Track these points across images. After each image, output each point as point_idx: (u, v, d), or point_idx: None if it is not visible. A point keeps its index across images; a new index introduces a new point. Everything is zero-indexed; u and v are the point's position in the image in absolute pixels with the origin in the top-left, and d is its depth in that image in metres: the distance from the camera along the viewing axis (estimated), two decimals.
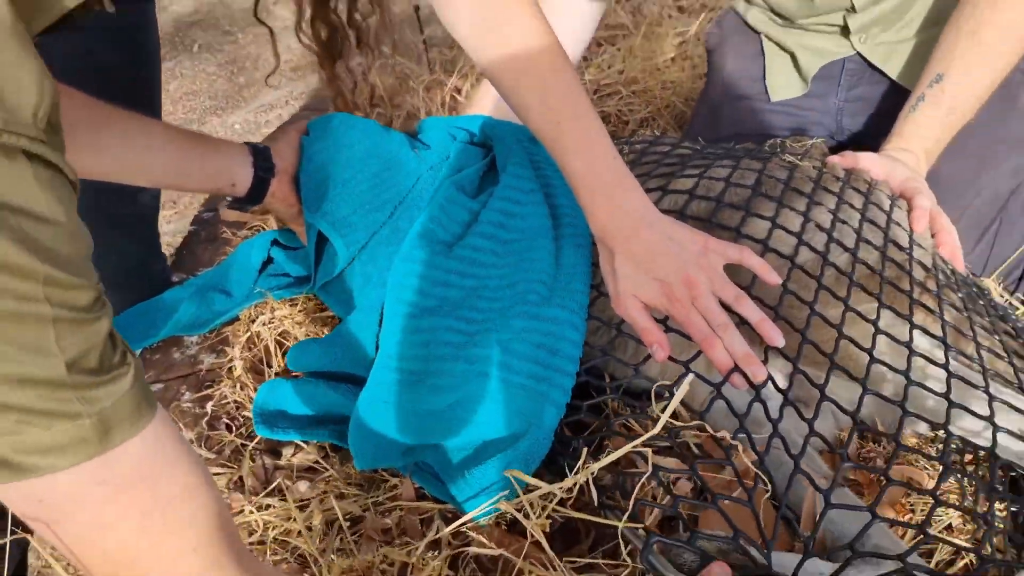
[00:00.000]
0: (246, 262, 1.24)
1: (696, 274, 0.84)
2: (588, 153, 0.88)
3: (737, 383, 0.82)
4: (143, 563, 0.57)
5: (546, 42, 0.92)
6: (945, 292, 0.96)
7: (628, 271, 0.86)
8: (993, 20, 1.10)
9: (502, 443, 0.86)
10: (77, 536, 0.56)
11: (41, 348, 0.50)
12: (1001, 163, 1.22)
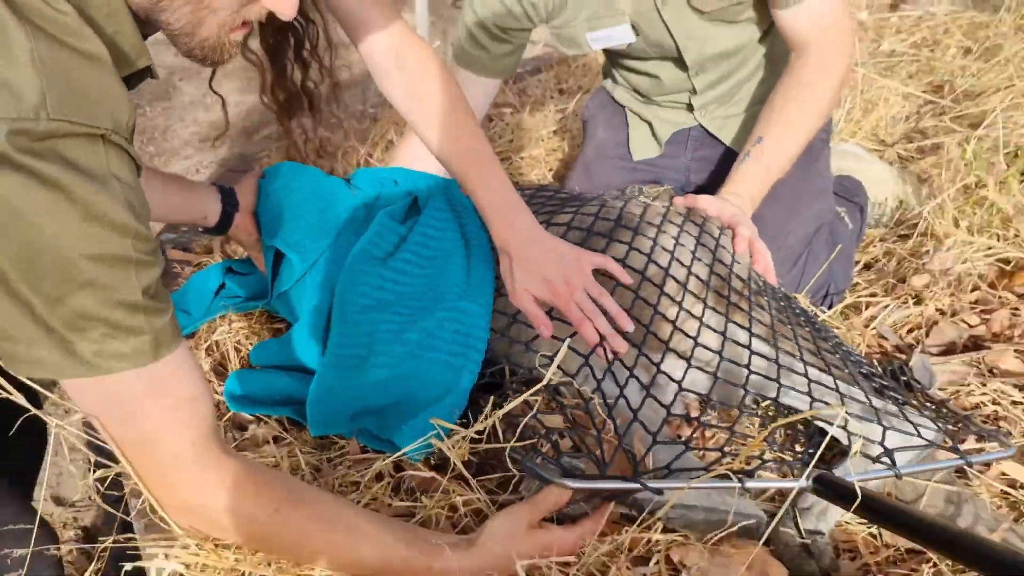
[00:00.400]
0: (203, 286, 1.48)
1: (572, 276, 1.14)
2: (492, 187, 1.19)
3: (600, 353, 1.11)
4: (165, 444, 0.83)
5: (460, 107, 1.23)
6: (756, 297, 1.28)
7: (522, 274, 1.16)
8: (797, 99, 1.46)
9: (430, 403, 1.13)
10: (121, 419, 0.81)
11: (128, 282, 0.76)
12: (807, 210, 1.58)
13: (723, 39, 1.53)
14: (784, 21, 1.45)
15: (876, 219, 1.84)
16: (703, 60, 1.56)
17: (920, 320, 1.49)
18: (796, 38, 1.45)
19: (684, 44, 1.53)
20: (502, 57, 1.55)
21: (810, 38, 1.43)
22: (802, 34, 1.44)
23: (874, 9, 3.97)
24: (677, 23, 1.50)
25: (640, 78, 1.67)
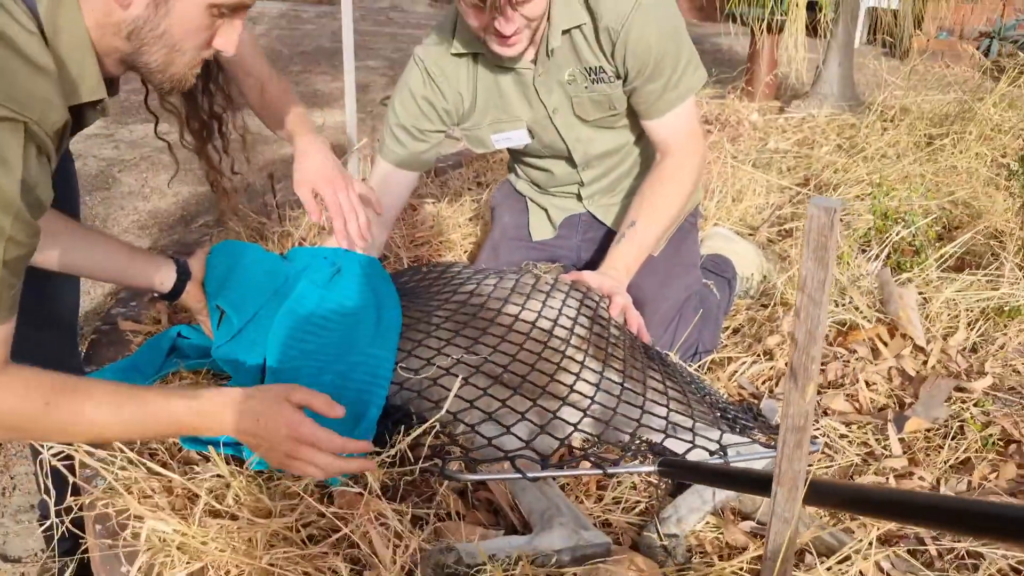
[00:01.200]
0: (156, 348, 1.69)
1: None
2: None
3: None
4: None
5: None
6: (627, 351, 1.55)
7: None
8: (661, 191, 1.76)
9: (344, 434, 1.35)
10: None
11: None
12: (677, 280, 1.86)
13: (605, 141, 1.84)
14: (650, 128, 1.77)
15: (744, 291, 2.14)
16: (589, 158, 1.86)
17: (772, 373, 1.77)
18: (659, 142, 1.78)
19: (573, 145, 1.83)
20: (420, 154, 1.82)
21: (670, 142, 1.75)
22: (664, 139, 1.76)
23: (765, 111, 4.41)
24: (566, 128, 1.80)
25: (537, 172, 1.96)
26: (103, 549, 1.26)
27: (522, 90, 1.76)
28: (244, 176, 1.80)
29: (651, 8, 1.62)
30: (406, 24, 11.01)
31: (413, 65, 1.79)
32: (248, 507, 1.24)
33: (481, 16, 1.53)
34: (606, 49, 1.67)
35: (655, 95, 1.70)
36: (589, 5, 1.63)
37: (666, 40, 1.65)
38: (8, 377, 1.04)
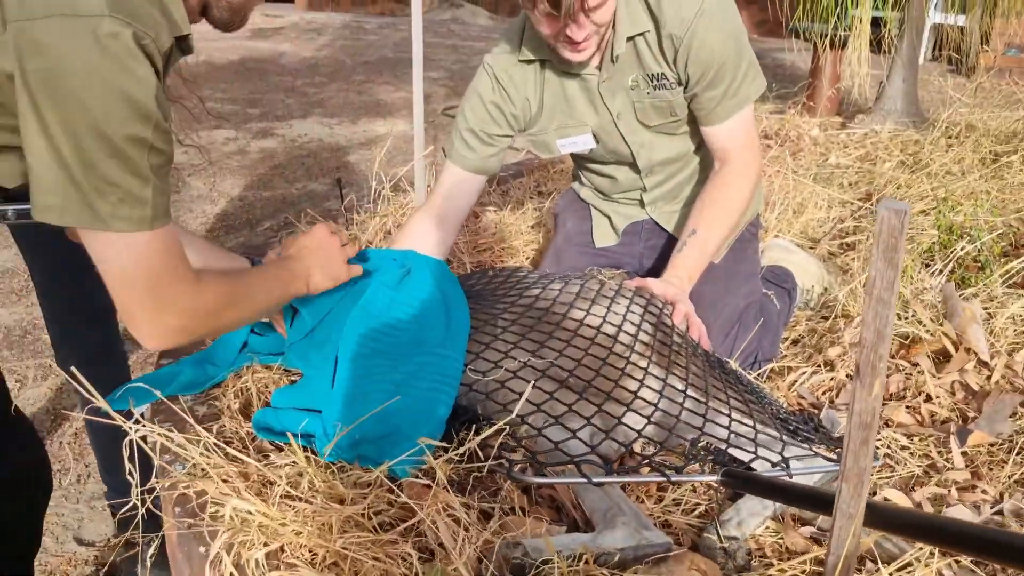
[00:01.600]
0: (230, 343, 1.76)
1: None
2: None
3: None
4: (149, 280, 1.10)
5: None
6: (692, 358, 1.57)
7: None
8: (720, 198, 1.78)
9: (413, 431, 1.39)
10: (121, 265, 1.08)
11: (143, 162, 1.03)
12: (738, 288, 1.88)
13: (667, 148, 1.87)
14: (708, 135, 1.81)
15: (804, 303, 2.15)
16: (652, 164, 1.89)
17: (832, 384, 1.78)
18: (717, 149, 1.81)
19: (637, 151, 1.86)
20: (488, 158, 1.87)
21: (728, 149, 1.79)
22: (722, 146, 1.80)
23: (825, 126, 4.39)
24: (630, 133, 1.83)
25: (601, 179, 1.99)
26: (182, 529, 1.32)
27: (587, 95, 1.80)
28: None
29: (714, 15, 1.65)
30: (467, 36, 11.13)
31: (483, 71, 1.84)
32: (322, 493, 1.29)
33: (554, 24, 1.57)
34: (668, 56, 1.71)
35: (714, 101, 1.73)
36: (653, 12, 1.67)
37: (727, 47, 1.68)
38: (203, 282, 1.20)
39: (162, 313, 1.13)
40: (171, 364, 1.78)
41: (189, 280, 1.15)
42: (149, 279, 1.09)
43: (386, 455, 1.38)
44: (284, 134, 5.93)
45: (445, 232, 1.88)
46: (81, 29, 0.95)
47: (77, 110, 0.96)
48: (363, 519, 1.25)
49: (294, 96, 7.18)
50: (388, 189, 2.69)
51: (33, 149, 0.98)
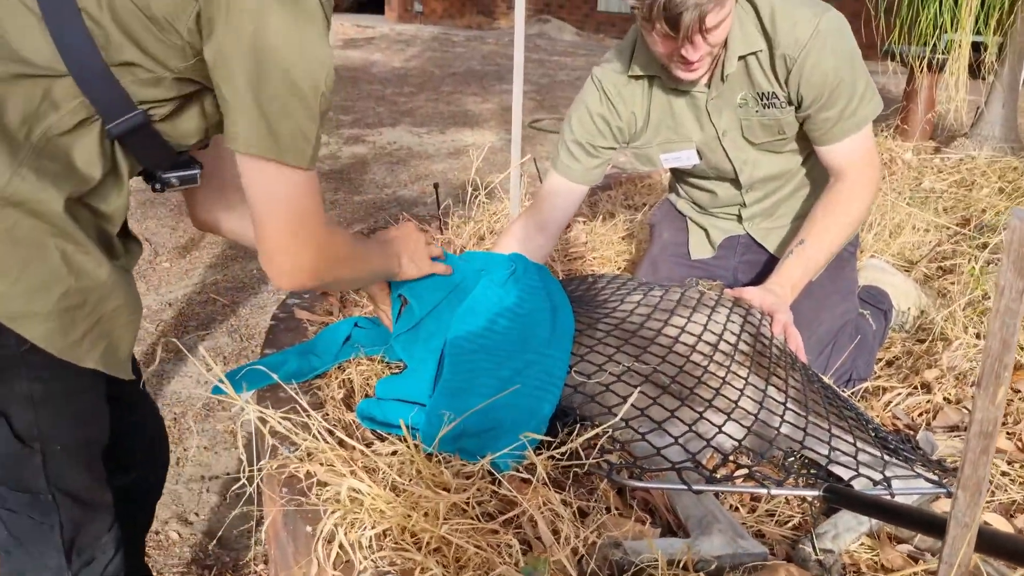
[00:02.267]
0: (333, 336, 1.82)
1: None
2: None
3: None
4: (302, 211, 1.18)
5: None
6: (790, 369, 1.58)
7: None
8: (833, 213, 1.77)
9: (517, 427, 1.43)
10: (279, 200, 1.16)
11: (316, 106, 1.13)
12: (835, 306, 1.88)
13: (770, 165, 1.87)
14: (823, 155, 1.80)
15: (900, 325, 2.13)
16: (754, 180, 1.90)
17: (929, 406, 1.76)
18: (834, 167, 1.80)
19: (740, 167, 1.87)
20: (591, 169, 1.90)
21: (845, 167, 1.77)
22: (839, 164, 1.78)
23: (919, 150, 4.32)
24: (734, 150, 1.85)
25: (700, 193, 2.01)
26: (288, 508, 1.38)
27: (694, 112, 1.82)
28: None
29: (829, 36, 1.65)
30: (553, 51, 11.21)
31: (591, 84, 1.87)
32: (426, 480, 1.34)
33: (670, 44, 1.59)
34: (780, 76, 1.71)
35: (830, 123, 1.73)
36: (766, 31, 1.68)
37: (843, 68, 1.68)
38: (335, 230, 1.31)
39: (301, 250, 1.21)
40: (276, 353, 1.85)
41: (326, 224, 1.24)
42: (297, 214, 1.18)
43: (487, 448, 1.41)
44: (374, 141, 6.06)
45: (545, 239, 1.92)
46: None
47: (273, 56, 1.07)
48: (467, 507, 1.30)
49: (384, 104, 7.33)
50: (484, 195, 2.74)
51: (230, 84, 1.08)
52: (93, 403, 1.25)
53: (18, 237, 1.06)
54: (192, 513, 2.25)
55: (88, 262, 1.12)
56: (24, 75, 1.05)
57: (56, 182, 1.07)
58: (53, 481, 1.22)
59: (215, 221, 1.49)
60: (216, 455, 2.49)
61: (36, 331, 1.09)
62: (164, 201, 4.57)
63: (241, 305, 3.47)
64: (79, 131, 1.10)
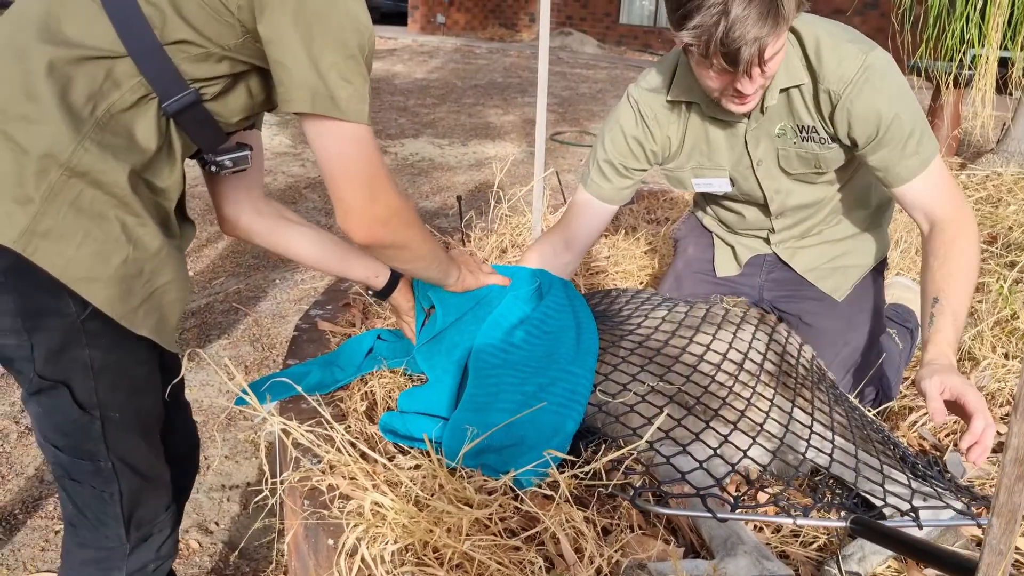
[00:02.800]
0: (357, 348, 1.82)
1: None
2: None
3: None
4: (369, 167, 1.25)
5: None
6: (816, 390, 1.56)
7: None
8: (948, 258, 1.61)
9: (540, 443, 1.42)
10: (347, 153, 1.22)
11: (365, 65, 1.21)
12: (861, 326, 1.86)
13: (803, 194, 1.84)
14: (901, 197, 1.69)
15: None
16: (785, 209, 1.88)
17: (956, 426, 1.74)
18: (917, 210, 1.68)
19: (771, 196, 1.85)
20: (622, 190, 1.88)
21: (932, 210, 1.65)
22: (923, 207, 1.66)
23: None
24: (768, 180, 1.81)
25: (728, 214, 1.99)
26: (310, 521, 1.38)
27: (731, 141, 1.79)
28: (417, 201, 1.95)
29: (876, 74, 1.60)
30: (575, 64, 11.23)
31: (627, 104, 1.84)
32: (449, 495, 1.33)
33: (726, 78, 1.53)
34: (824, 111, 1.66)
35: (891, 161, 1.64)
36: (811, 65, 1.63)
37: (894, 106, 1.61)
38: (409, 198, 1.43)
39: (373, 202, 1.28)
40: (299, 364, 1.86)
41: (392, 179, 1.32)
42: (368, 168, 1.25)
43: (510, 464, 1.41)
44: (396, 152, 6.08)
45: (571, 256, 1.91)
46: None
47: (323, 21, 1.14)
48: (490, 523, 1.29)
49: (406, 116, 7.36)
50: (506, 208, 2.74)
51: (288, 52, 1.15)
52: (147, 375, 1.30)
53: (82, 206, 1.13)
54: (212, 522, 2.25)
55: (146, 234, 1.19)
56: (88, 57, 1.13)
57: (118, 155, 1.14)
58: (112, 449, 1.28)
59: (245, 225, 1.56)
60: (237, 464, 2.50)
61: (99, 296, 1.15)
62: (188, 210, 4.60)
63: (263, 315, 3.48)
64: (138, 108, 1.17)
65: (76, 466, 1.28)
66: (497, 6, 15.42)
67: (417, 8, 15.01)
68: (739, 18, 1.39)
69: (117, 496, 1.31)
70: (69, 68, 1.12)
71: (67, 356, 1.19)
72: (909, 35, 4.46)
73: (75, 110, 1.12)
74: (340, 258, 1.68)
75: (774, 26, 1.42)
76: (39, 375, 1.20)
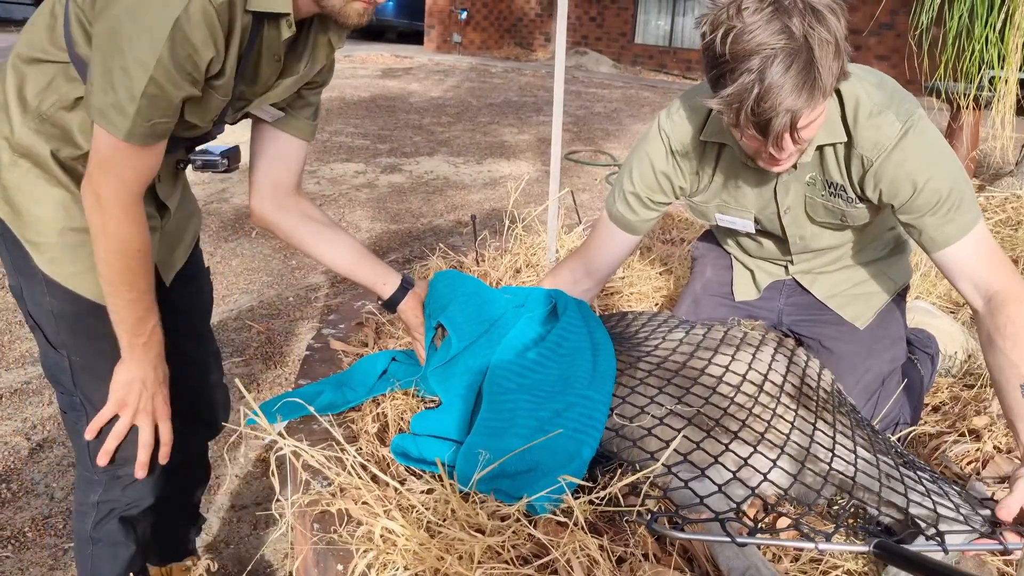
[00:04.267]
0: (370, 368, 1.80)
1: None
2: None
3: None
4: (110, 181, 1.30)
5: None
6: (838, 412, 1.53)
7: None
8: (1021, 336, 1.47)
9: (555, 470, 1.40)
10: (99, 161, 1.28)
11: (137, 84, 1.22)
12: (883, 352, 1.82)
13: (826, 239, 1.81)
14: (941, 263, 1.61)
15: (946, 369, 2.07)
16: (806, 250, 1.85)
17: (979, 455, 1.70)
18: (962, 278, 1.58)
19: (794, 240, 1.81)
20: (646, 221, 1.85)
21: (980, 278, 1.56)
22: (968, 275, 1.57)
23: None
24: (793, 225, 1.78)
25: (749, 241, 1.96)
26: (320, 546, 1.35)
27: (760, 187, 1.75)
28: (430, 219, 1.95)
29: (911, 142, 1.55)
30: (590, 83, 11.25)
31: (657, 138, 1.79)
32: (461, 521, 1.31)
33: (758, 143, 1.48)
34: (855, 174, 1.62)
35: (927, 225, 1.58)
36: (848, 127, 1.58)
37: (928, 171, 1.55)
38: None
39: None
40: (311, 384, 1.84)
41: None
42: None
43: (523, 490, 1.38)
44: (411, 170, 6.09)
45: (592, 283, 1.89)
46: None
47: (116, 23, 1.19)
48: (502, 550, 1.26)
49: (421, 134, 7.38)
50: (521, 229, 2.73)
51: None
52: (104, 327, 1.42)
53: (30, 179, 1.37)
54: (221, 542, 2.23)
55: (81, 211, 1.35)
56: (42, 60, 1.35)
57: (54, 142, 1.36)
58: (79, 386, 1.48)
59: (267, 218, 1.68)
60: (247, 484, 2.48)
61: (42, 256, 1.39)
62: (204, 227, 4.61)
63: (276, 332, 3.47)
64: (78, 106, 1.35)
65: (60, 398, 1.51)
66: (513, 26, 15.49)
67: (433, 27, 15.09)
68: (773, 86, 1.33)
69: (84, 427, 1.48)
70: (26, 67, 1.35)
71: (40, 302, 1.43)
72: (927, 56, 4.44)
73: (26, 102, 1.35)
74: (352, 261, 1.72)
75: (809, 99, 1.36)
76: (28, 314, 1.46)
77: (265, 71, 1.40)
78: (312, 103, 1.61)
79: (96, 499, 1.55)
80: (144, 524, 1.66)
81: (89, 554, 1.59)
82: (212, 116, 1.42)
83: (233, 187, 5.03)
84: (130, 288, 1.38)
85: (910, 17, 4.49)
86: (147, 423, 1.49)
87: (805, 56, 1.33)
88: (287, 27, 1.34)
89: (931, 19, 4.45)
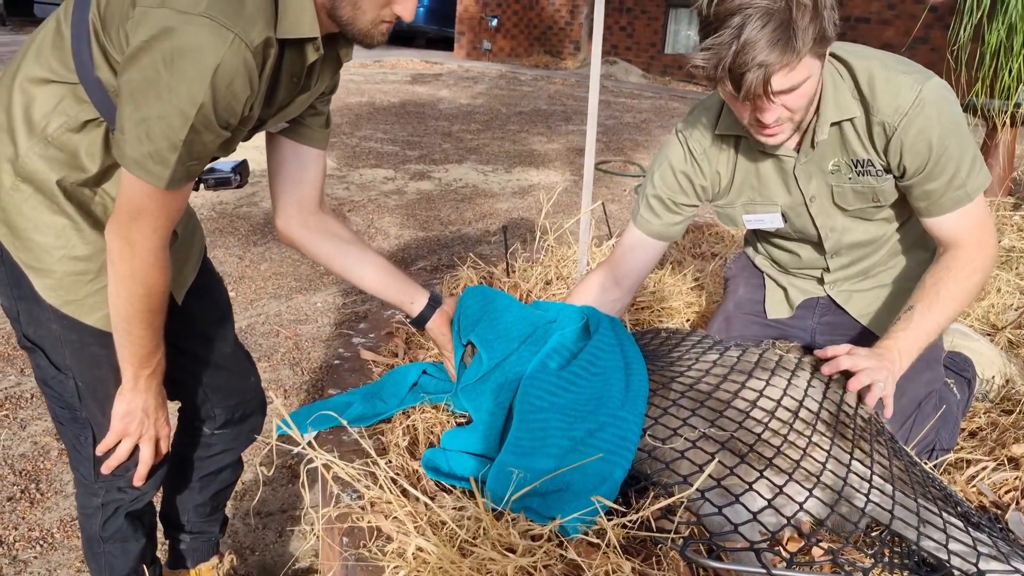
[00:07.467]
0: (401, 380, 1.80)
1: None
2: None
3: None
4: (143, 232, 1.29)
5: None
6: (875, 442, 1.51)
7: None
8: (945, 282, 1.65)
9: (587, 490, 1.38)
10: (130, 210, 1.27)
11: (179, 133, 1.19)
12: (919, 375, 1.79)
13: (859, 232, 1.80)
14: (931, 227, 1.70)
15: (983, 394, 2.04)
16: (840, 247, 1.83)
17: (1018, 483, 1.67)
18: (944, 239, 1.69)
19: (825, 234, 1.80)
20: (672, 226, 1.85)
21: (957, 238, 1.67)
22: (949, 236, 1.68)
23: (997, 207, 4.19)
24: (822, 217, 1.78)
25: (781, 253, 1.95)
26: (350, 561, 1.35)
27: (781, 176, 1.76)
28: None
29: (932, 105, 1.57)
30: (619, 93, 11.22)
31: (675, 140, 1.83)
32: (493, 539, 1.30)
33: (738, 105, 1.54)
34: (878, 144, 1.64)
35: (937, 194, 1.64)
36: (864, 97, 1.61)
37: (948, 138, 1.59)
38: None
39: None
40: (342, 394, 1.84)
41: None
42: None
43: (554, 510, 1.37)
44: (440, 177, 6.09)
45: (621, 292, 1.88)
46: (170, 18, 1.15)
47: (152, 72, 1.16)
48: (534, 570, 1.25)
49: (450, 141, 7.38)
50: (552, 240, 2.71)
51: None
52: (106, 355, 1.44)
53: (32, 205, 1.34)
54: (247, 549, 2.23)
55: (81, 239, 1.37)
56: (51, 80, 1.31)
57: (57, 167, 1.33)
58: (86, 405, 1.48)
59: (292, 235, 1.68)
60: (274, 491, 2.48)
61: (42, 283, 1.38)
62: (233, 231, 4.63)
63: (303, 338, 3.48)
64: (87, 129, 1.33)
65: (62, 413, 1.50)
66: (543, 33, 15.48)
67: (464, 34, 15.12)
68: (749, 41, 1.40)
69: (90, 441, 1.51)
70: (34, 88, 1.32)
71: (41, 327, 1.42)
72: (964, 73, 4.38)
73: (32, 124, 1.32)
74: (379, 279, 1.71)
75: (781, 56, 1.41)
76: (24, 336, 1.45)
77: (283, 93, 1.40)
78: (323, 112, 1.61)
79: (100, 502, 1.57)
80: (150, 516, 1.70)
81: (101, 552, 1.63)
82: (235, 146, 1.43)
83: (262, 191, 5.05)
84: (147, 326, 1.38)
85: (948, 32, 4.43)
86: (148, 446, 1.51)
87: (782, 16, 1.40)
88: (314, 51, 1.34)
89: (968, 36, 4.40)
